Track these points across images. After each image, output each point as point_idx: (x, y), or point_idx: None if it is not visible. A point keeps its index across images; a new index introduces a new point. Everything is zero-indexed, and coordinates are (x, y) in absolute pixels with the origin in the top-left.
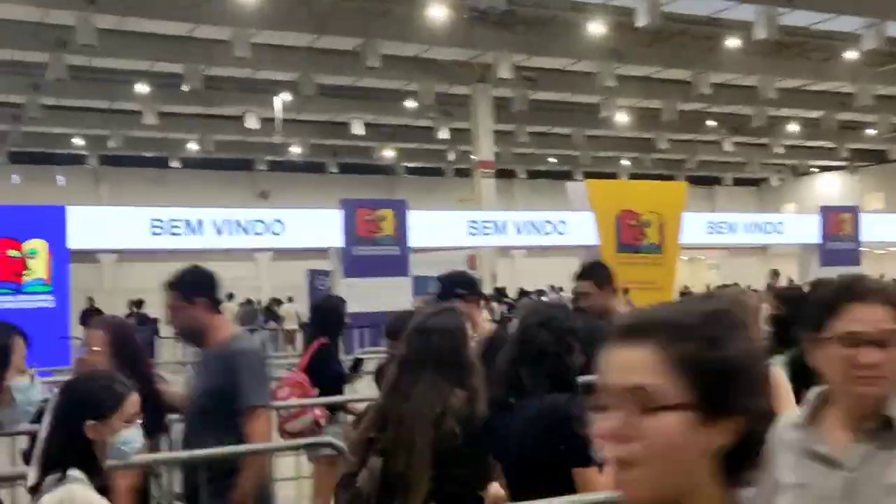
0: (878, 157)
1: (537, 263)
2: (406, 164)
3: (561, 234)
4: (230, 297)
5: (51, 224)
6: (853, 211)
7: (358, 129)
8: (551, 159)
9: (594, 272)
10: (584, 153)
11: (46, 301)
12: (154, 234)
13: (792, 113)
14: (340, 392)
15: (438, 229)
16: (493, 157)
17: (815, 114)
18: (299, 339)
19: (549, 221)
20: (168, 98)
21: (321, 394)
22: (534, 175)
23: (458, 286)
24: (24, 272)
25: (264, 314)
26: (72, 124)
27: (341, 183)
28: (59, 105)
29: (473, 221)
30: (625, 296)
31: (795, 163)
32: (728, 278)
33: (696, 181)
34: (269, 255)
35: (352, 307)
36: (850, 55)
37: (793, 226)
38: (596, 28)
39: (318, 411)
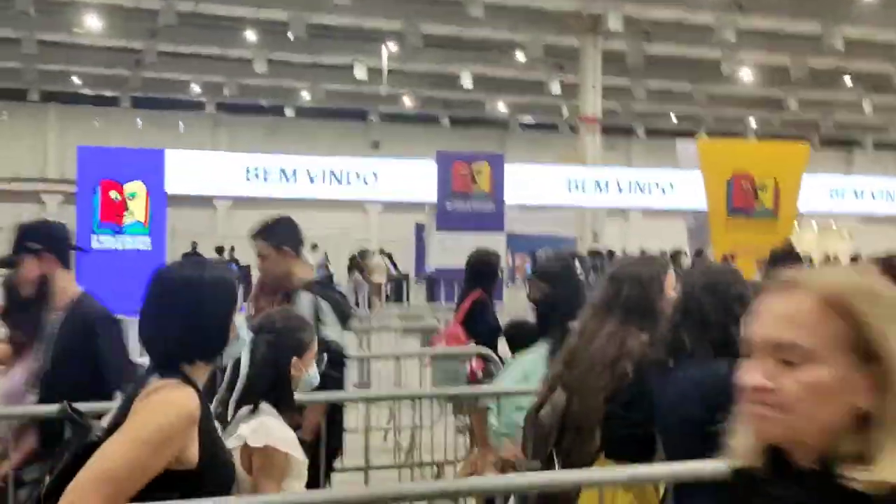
0: None
1: (650, 225)
2: (519, 118)
3: (667, 195)
4: (314, 247)
5: (150, 167)
6: None
7: (467, 81)
8: (672, 118)
9: (270, 231)
10: (707, 112)
11: (144, 243)
12: (249, 180)
13: None
14: (495, 345)
15: (537, 185)
16: (599, 113)
17: None
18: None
19: (656, 182)
20: (277, 45)
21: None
22: (653, 134)
23: (31, 239)
24: (124, 213)
25: (349, 266)
26: (188, 70)
27: (453, 136)
28: (176, 52)
29: (574, 179)
30: (731, 262)
31: None
32: (862, 249)
33: (831, 144)
34: (379, 207)
35: (444, 261)
36: None
37: None
38: None
39: (475, 363)
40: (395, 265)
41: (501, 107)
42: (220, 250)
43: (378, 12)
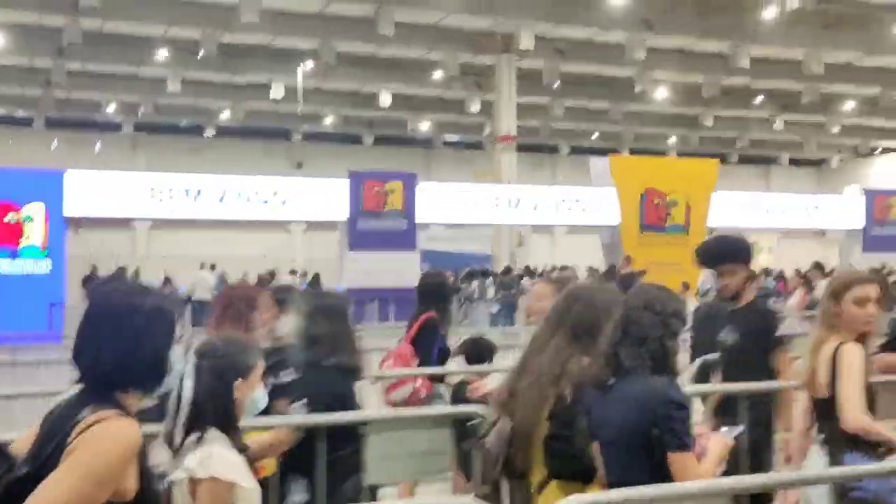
0: None
1: (576, 241)
2: (443, 137)
3: (584, 212)
4: (212, 267)
5: (50, 188)
6: None
7: (386, 99)
8: (593, 136)
9: None
10: (627, 129)
11: (42, 267)
12: (153, 201)
13: (846, 90)
14: (443, 364)
15: (453, 203)
16: (514, 131)
17: (871, 91)
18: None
19: (575, 199)
20: (190, 64)
21: (422, 366)
22: (577, 151)
23: None
24: (21, 237)
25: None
26: (102, 89)
27: (377, 155)
28: (86, 71)
29: (489, 197)
30: (643, 277)
31: (857, 142)
32: (782, 262)
33: (749, 161)
34: (303, 226)
35: (357, 282)
36: None
37: (834, 209)
38: None
39: (419, 382)
40: (316, 284)
41: (424, 125)
42: (121, 271)
43: (291, 31)
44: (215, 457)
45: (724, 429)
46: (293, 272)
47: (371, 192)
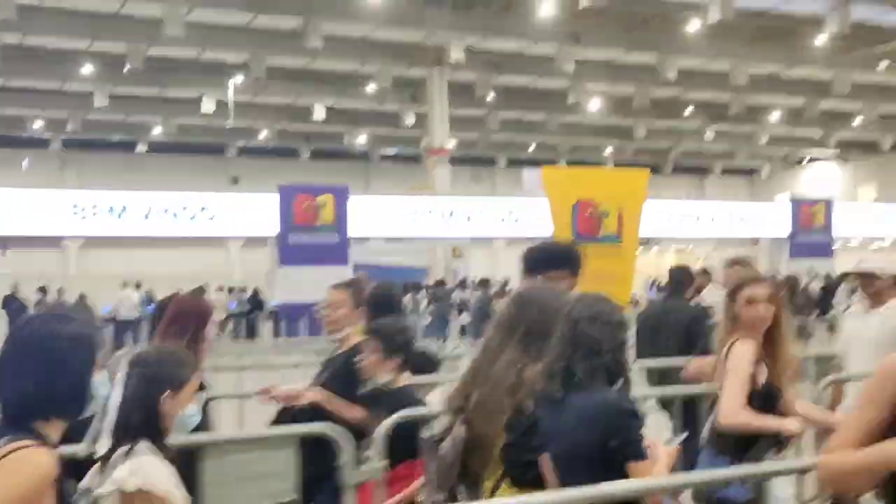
0: (869, 148)
1: (516, 252)
2: (381, 150)
3: (516, 222)
4: (137, 286)
5: None
6: (826, 202)
7: (320, 113)
8: (532, 147)
9: None
10: (563, 141)
11: None
12: (76, 218)
13: (772, 101)
14: None
15: (384, 217)
16: (448, 143)
17: (796, 102)
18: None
19: (510, 211)
20: (117, 79)
21: None
22: (515, 163)
23: None
24: None
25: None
26: (26, 105)
27: (315, 169)
28: (7, 87)
29: (421, 209)
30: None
31: (786, 152)
32: (717, 271)
33: (684, 171)
34: (240, 242)
35: (289, 297)
36: (821, 40)
37: (762, 217)
38: (547, 9)
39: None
40: (254, 300)
41: (361, 139)
42: (42, 291)
43: (219, 44)
44: (146, 468)
45: (667, 436)
46: (221, 288)
47: (302, 207)
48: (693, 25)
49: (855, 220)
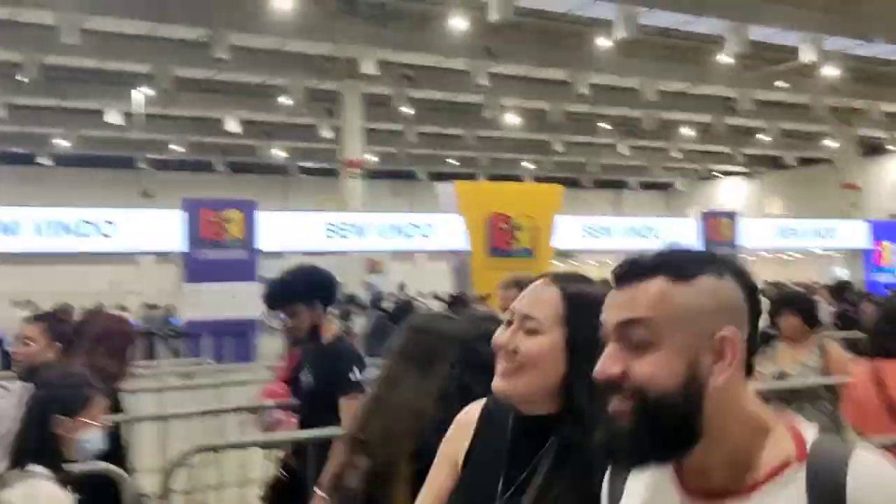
0: (775, 163)
1: (437, 267)
2: (300, 164)
3: (426, 237)
4: (28, 303)
5: None
6: (732, 216)
7: (232, 125)
8: (452, 161)
9: None
10: (483, 155)
11: None
12: None
13: (683, 117)
14: None
15: (293, 232)
16: (361, 156)
17: (704, 118)
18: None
19: (414, 224)
20: (12, 89)
21: None
22: (436, 177)
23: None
24: None
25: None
26: None
27: (231, 183)
28: None
29: (332, 224)
30: (486, 302)
31: (697, 167)
32: None
33: (602, 185)
34: (152, 258)
35: (195, 314)
36: (724, 59)
37: (671, 231)
38: (459, 23)
39: (294, 419)
40: (163, 318)
41: (280, 152)
42: None
43: (120, 54)
44: (40, 493)
45: None
46: (123, 307)
47: (208, 221)
48: (603, 42)
49: (761, 235)
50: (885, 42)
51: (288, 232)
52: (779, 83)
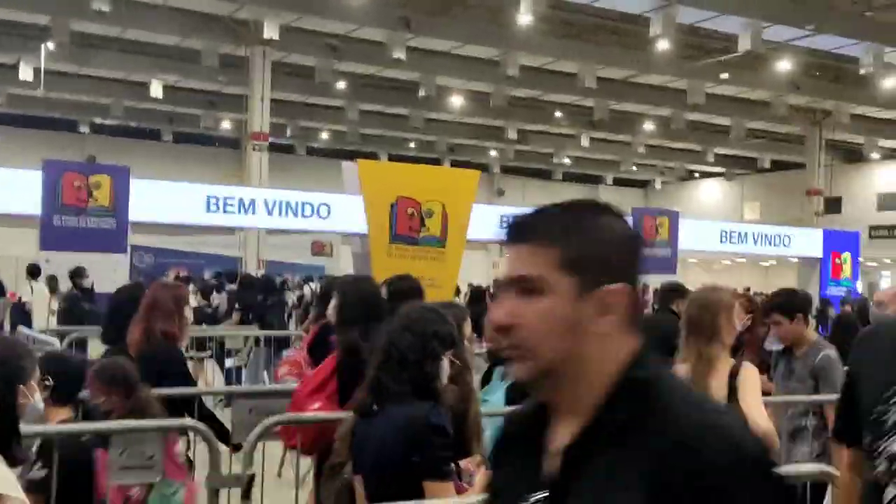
0: (750, 165)
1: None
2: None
3: (323, 218)
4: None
5: None
6: (671, 214)
7: (156, 90)
8: (411, 144)
9: None
10: (440, 140)
11: None
12: None
13: (638, 109)
14: None
15: (173, 203)
16: (267, 129)
17: (662, 111)
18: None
19: (308, 203)
20: None
21: None
22: (395, 159)
23: None
24: None
25: None
26: None
27: (180, 153)
28: None
29: (214, 197)
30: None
31: (671, 165)
32: None
33: (576, 179)
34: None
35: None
36: (662, 45)
37: None
38: None
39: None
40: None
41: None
42: None
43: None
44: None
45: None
46: None
47: (71, 186)
48: (525, 19)
49: (704, 238)
50: (837, 35)
51: (163, 202)
52: (724, 75)
